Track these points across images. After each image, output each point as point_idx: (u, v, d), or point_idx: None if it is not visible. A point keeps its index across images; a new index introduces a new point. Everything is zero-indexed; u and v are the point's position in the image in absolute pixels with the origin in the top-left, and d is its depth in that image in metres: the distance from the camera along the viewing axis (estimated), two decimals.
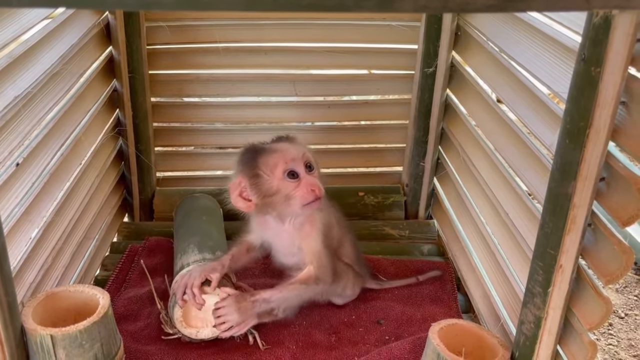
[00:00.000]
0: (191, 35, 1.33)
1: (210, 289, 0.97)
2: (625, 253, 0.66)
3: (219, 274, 0.99)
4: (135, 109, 1.33)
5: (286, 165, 0.95)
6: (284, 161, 0.96)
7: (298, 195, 0.96)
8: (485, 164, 1.11)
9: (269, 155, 0.97)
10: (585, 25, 0.63)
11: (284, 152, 0.97)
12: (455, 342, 0.84)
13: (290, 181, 0.95)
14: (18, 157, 0.90)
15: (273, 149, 0.98)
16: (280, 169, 0.95)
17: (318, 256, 1.00)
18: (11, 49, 0.88)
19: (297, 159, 0.96)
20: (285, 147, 0.98)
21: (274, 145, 1.00)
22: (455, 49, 1.26)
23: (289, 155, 0.96)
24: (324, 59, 1.36)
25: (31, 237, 0.94)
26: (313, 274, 1.00)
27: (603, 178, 0.68)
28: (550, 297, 0.74)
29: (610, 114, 0.63)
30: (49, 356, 0.79)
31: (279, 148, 0.98)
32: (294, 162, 0.96)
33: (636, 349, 1.38)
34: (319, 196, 0.96)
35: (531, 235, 0.89)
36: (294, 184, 0.96)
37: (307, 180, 0.96)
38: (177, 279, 1.02)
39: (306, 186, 0.95)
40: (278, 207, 0.98)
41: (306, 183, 0.96)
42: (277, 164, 0.95)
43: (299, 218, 1.00)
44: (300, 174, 0.96)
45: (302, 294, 1.01)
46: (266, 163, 0.96)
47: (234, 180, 0.99)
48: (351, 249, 1.10)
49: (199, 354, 0.98)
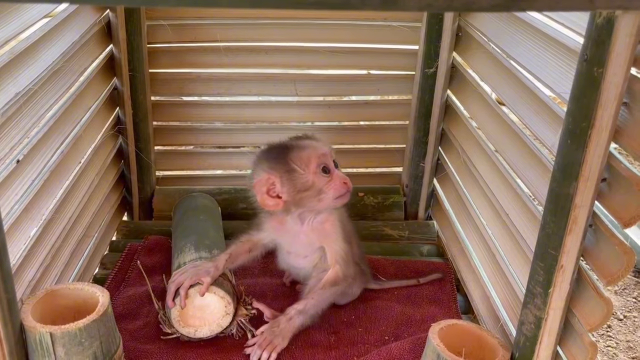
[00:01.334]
0: (192, 34, 1.33)
1: (200, 294, 0.96)
2: (627, 254, 0.66)
3: (211, 278, 0.97)
4: (136, 108, 1.33)
5: (319, 160, 0.98)
6: (316, 156, 0.98)
7: (331, 188, 0.98)
8: (485, 164, 1.11)
9: (302, 150, 0.99)
10: (588, 25, 0.63)
11: (315, 148, 1.00)
12: (455, 343, 0.84)
13: (324, 175, 0.98)
14: (19, 154, 0.90)
15: (303, 145, 1.00)
16: (314, 163, 0.98)
17: (342, 255, 1.02)
18: (12, 46, 0.87)
19: (327, 154, 1.00)
20: (315, 144, 1.01)
21: (301, 142, 1.02)
22: (456, 49, 1.26)
23: (320, 150, 1.00)
24: (324, 59, 1.36)
25: (31, 234, 0.94)
26: (341, 274, 1.01)
27: (604, 179, 0.68)
28: (551, 298, 0.74)
29: (612, 115, 0.63)
30: (48, 354, 0.78)
31: (309, 144, 1.01)
32: (325, 157, 1.00)
33: (635, 350, 1.39)
34: (350, 189, 1.00)
35: (531, 236, 0.89)
36: (327, 178, 0.99)
37: (338, 174, 1.00)
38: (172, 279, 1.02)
39: (339, 179, 0.99)
40: (309, 202, 0.99)
41: (338, 176, 1.00)
42: (311, 159, 0.98)
43: (318, 217, 1.02)
44: (331, 169, 0.99)
45: (332, 295, 1.02)
46: (300, 158, 0.98)
47: (260, 178, 0.98)
48: (357, 248, 1.10)
49: (198, 353, 0.98)
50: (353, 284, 1.08)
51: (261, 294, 1.13)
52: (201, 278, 0.97)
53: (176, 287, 0.97)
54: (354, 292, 1.11)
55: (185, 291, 0.96)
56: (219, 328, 1.00)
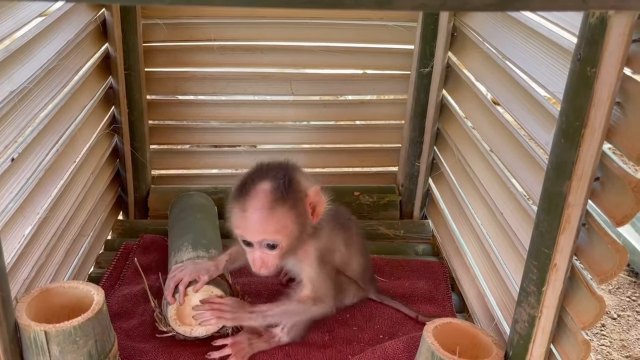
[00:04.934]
0: (188, 33, 1.33)
1: (193, 290, 0.96)
2: (619, 252, 0.67)
3: (208, 277, 0.97)
4: (131, 106, 1.32)
5: (241, 235, 0.89)
6: (240, 231, 0.88)
7: (248, 258, 0.92)
8: (480, 164, 1.12)
9: (237, 212, 0.88)
10: (581, 25, 0.63)
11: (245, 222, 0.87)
12: (450, 341, 0.84)
13: (244, 245, 0.91)
14: (13, 152, 0.90)
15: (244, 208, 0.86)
16: (237, 232, 0.89)
17: (314, 281, 0.96)
18: (7, 44, 0.87)
19: (252, 237, 0.87)
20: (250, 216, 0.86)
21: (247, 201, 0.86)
22: (451, 49, 1.26)
23: (244, 227, 0.87)
24: (320, 58, 1.37)
25: (25, 233, 0.94)
26: (310, 295, 0.97)
27: (597, 178, 0.68)
28: (545, 296, 0.74)
29: (606, 114, 0.64)
30: (42, 352, 0.78)
31: (247, 210, 0.86)
32: (248, 237, 0.88)
33: (628, 349, 1.39)
34: (260, 273, 0.91)
35: (525, 235, 0.89)
36: (248, 249, 0.91)
37: (255, 256, 0.90)
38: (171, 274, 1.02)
39: (253, 259, 0.90)
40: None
41: (253, 257, 0.90)
42: (235, 223, 0.89)
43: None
44: (253, 245, 0.89)
45: (301, 312, 0.98)
46: (233, 217, 0.89)
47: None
48: (358, 267, 1.08)
49: (193, 352, 0.98)
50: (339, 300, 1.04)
51: (257, 293, 1.13)
52: (200, 275, 0.97)
53: (175, 283, 0.97)
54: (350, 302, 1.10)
55: (184, 287, 0.96)
56: (215, 328, 1.00)
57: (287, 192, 0.86)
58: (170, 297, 0.97)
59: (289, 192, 0.87)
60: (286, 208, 0.86)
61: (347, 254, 1.04)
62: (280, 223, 0.86)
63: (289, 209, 0.87)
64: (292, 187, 0.87)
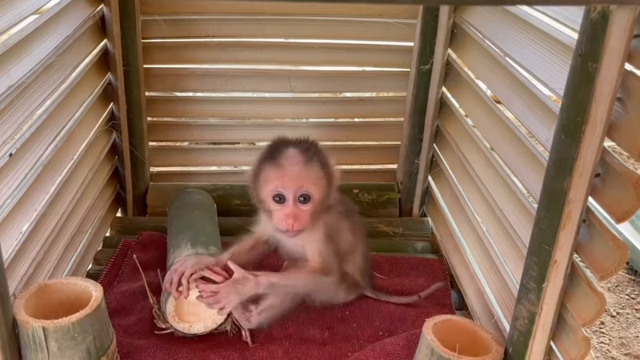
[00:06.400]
0: (187, 30, 1.32)
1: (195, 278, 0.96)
2: (620, 249, 0.66)
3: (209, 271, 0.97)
4: (130, 103, 1.32)
5: (274, 186, 0.93)
6: (276, 178, 0.92)
7: (276, 218, 0.94)
8: (480, 161, 1.11)
9: (272, 167, 0.93)
10: (582, 20, 0.63)
11: (283, 171, 0.92)
12: (449, 338, 0.84)
13: (275, 203, 0.94)
14: (11, 147, 0.89)
15: (280, 162, 0.93)
16: (271, 187, 0.93)
17: (322, 253, 0.99)
18: (5, 39, 0.87)
19: (290, 185, 0.92)
20: (288, 168, 0.92)
21: (283, 157, 0.93)
22: (451, 46, 1.26)
23: (283, 178, 0.92)
24: (319, 55, 1.36)
25: (23, 229, 0.94)
26: (319, 265, 0.99)
27: (598, 174, 0.68)
28: (545, 293, 0.74)
29: (607, 110, 0.63)
30: (40, 348, 0.78)
31: (284, 163, 0.92)
32: (285, 187, 0.92)
33: (627, 347, 1.39)
34: (291, 229, 0.93)
35: (525, 232, 0.89)
36: (277, 206, 0.94)
37: (287, 211, 0.93)
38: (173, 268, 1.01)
39: (283, 215, 0.93)
40: (265, 213, 0.98)
41: (285, 212, 0.93)
42: (270, 181, 0.93)
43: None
44: (287, 200, 0.93)
45: (307, 283, 0.99)
46: (267, 172, 0.94)
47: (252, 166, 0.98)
48: (361, 257, 1.09)
49: (192, 349, 0.98)
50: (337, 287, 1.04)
51: None
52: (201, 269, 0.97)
53: (179, 277, 0.97)
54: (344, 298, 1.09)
55: (187, 280, 0.96)
56: (214, 324, 1.00)
57: (318, 154, 0.96)
58: (175, 292, 0.96)
59: (319, 155, 0.96)
60: (319, 165, 0.95)
61: (352, 242, 1.06)
62: (316, 175, 0.94)
63: (320, 167, 0.95)
64: (320, 152, 0.97)
